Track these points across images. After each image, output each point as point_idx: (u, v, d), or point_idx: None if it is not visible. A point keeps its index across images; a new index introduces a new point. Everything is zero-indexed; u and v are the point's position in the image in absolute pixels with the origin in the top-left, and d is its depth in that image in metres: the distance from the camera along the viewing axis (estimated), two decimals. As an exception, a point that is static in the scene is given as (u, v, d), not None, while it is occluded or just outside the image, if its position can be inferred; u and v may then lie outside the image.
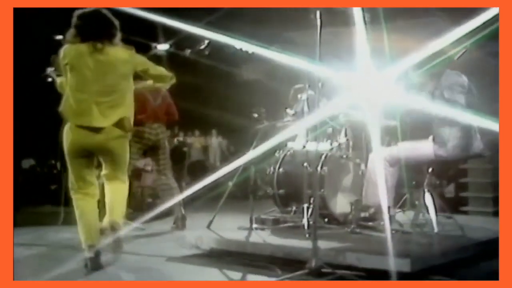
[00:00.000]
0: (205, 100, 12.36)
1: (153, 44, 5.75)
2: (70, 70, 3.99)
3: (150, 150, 5.99)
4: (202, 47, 5.10)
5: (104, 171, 4.23)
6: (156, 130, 5.89)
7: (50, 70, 4.50)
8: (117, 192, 4.25)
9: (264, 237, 4.30)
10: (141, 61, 4.24)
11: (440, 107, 4.16)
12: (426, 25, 7.15)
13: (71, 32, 4.07)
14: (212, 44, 5.17)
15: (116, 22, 4.11)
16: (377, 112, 4.52)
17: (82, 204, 4.08)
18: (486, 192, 6.49)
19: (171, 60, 5.44)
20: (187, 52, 5.36)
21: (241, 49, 5.57)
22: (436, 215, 4.25)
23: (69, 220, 4.68)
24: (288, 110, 5.10)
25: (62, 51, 4.04)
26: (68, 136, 4.02)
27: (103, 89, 3.99)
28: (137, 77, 4.37)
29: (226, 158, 13.99)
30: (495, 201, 6.40)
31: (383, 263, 3.38)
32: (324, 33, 3.76)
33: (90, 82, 3.96)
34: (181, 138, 12.31)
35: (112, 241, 4.13)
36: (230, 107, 12.06)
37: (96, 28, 4.03)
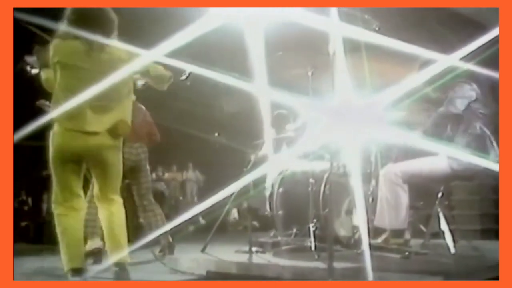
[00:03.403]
0: (183, 133, 12.03)
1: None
2: (62, 69, 3.57)
3: (130, 172, 5.54)
4: (183, 77, 4.81)
5: (95, 190, 3.78)
6: (137, 150, 5.47)
7: (31, 59, 3.94)
8: (115, 220, 3.73)
9: (268, 259, 3.93)
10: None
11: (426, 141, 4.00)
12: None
13: (64, 26, 3.63)
14: (192, 76, 4.90)
15: (115, 17, 3.71)
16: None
17: (65, 220, 3.60)
18: (472, 210, 6.32)
19: (147, 92, 5.11)
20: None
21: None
22: (453, 238, 3.97)
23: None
24: (288, 125, 4.81)
25: (52, 47, 3.60)
26: (55, 139, 3.59)
27: (99, 93, 3.54)
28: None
29: (203, 193, 13.62)
30: (482, 218, 6.34)
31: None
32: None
33: (84, 83, 3.51)
34: (160, 173, 11.94)
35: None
36: (209, 140, 11.73)
37: (93, 23, 3.60)
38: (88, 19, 3.60)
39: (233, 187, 4.49)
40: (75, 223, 3.63)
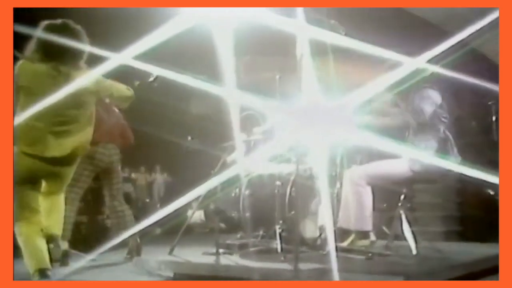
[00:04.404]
0: (151, 135, 11.98)
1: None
2: (25, 94, 3.48)
3: (102, 173, 5.56)
4: (151, 79, 4.83)
5: (42, 189, 3.74)
6: (110, 151, 5.47)
7: None
8: (55, 206, 3.79)
9: (235, 261, 3.97)
10: (106, 87, 3.83)
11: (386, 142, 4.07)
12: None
13: (32, 46, 3.57)
14: (160, 78, 4.93)
15: (86, 40, 3.65)
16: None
17: (26, 230, 3.56)
18: (435, 212, 6.47)
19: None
20: (136, 84, 5.09)
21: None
22: (415, 239, 4.07)
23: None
24: (255, 129, 4.86)
25: (18, 69, 3.49)
26: (15, 162, 3.50)
27: (61, 119, 3.56)
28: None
29: (170, 195, 13.56)
30: (445, 220, 6.46)
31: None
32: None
33: (48, 111, 3.46)
34: (126, 174, 11.87)
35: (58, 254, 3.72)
36: (176, 142, 11.71)
37: (63, 47, 3.52)
38: (58, 43, 3.51)
39: (200, 190, 4.53)
40: (34, 231, 3.60)
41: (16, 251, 3.37)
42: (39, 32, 3.56)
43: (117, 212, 5.54)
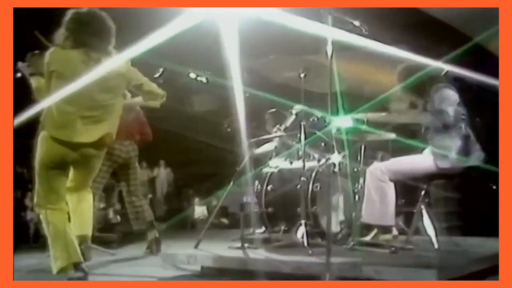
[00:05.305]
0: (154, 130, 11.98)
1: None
2: (57, 78, 3.58)
3: (120, 169, 5.64)
4: (157, 75, 4.91)
5: (69, 184, 3.86)
6: (127, 147, 5.57)
7: (21, 64, 3.89)
8: (84, 202, 3.93)
9: (262, 254, 4.05)
10: (136, 76, 3.90)
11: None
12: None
13: (62, 34, 3.66)
14: (165, 73, 5.00)
15: (113, 27, 3.75)
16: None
17: (55, 218, 3.64)
18: (438, 207, 6.54)
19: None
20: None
21: (195, 79, 5.43)
22: (436, 233, 4.16)
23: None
24: (278, 126, 4.94)
25: (48, 55, 3.62)
26: (44, 146, 3.64)
27: (91, 103, 3.65)
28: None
29: (173, 191, 13.62)
30: (447, 216, 6.50)
31: (404, 274, 3.22)
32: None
33: (78, 94, 3.56)
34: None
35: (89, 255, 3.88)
36: (181, 139, 11.77)
37: (93, 33, 3.65)
38: (86, 27, 3.65)
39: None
40: (63, 220, 3.69)
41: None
42: (67, 20, 3.67)
43: (135, 208, 5.63)
